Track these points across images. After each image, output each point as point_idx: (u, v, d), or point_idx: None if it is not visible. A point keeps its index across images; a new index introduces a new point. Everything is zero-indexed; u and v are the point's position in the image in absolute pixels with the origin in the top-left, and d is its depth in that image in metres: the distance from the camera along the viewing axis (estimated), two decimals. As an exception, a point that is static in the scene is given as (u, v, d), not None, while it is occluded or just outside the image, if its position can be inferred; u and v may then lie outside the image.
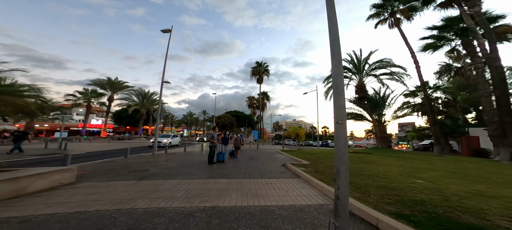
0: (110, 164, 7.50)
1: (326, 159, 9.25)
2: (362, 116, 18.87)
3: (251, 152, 14.85)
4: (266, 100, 55.04)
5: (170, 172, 6.21)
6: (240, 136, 10.64)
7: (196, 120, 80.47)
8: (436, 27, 13.36)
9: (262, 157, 10.89)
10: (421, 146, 27.60)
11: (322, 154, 11.89)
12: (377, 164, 7.78)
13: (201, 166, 7.53)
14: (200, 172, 6.21)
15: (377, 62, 17.54)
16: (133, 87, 31.47)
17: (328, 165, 7.29)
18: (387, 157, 10.38)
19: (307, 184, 4.92)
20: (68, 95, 24.82)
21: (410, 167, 7.20)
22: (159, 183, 4.77)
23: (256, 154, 13.14)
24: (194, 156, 10.97)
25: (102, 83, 28.05)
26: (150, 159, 9.25)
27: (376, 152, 13.60)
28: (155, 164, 7.71)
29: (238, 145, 10.30)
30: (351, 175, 5.29)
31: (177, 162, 8.37)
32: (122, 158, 9.28)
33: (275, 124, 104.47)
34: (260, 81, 47.78)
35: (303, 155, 11.25)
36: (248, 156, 11.63)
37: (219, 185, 4.66)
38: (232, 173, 6.25)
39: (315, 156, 10.54)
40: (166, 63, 12.35)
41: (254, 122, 58.16)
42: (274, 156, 11.80)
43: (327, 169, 6.33)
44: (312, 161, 8.47)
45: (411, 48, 14.70)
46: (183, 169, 6.76)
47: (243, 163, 8.41)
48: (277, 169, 6.98)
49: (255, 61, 49.04)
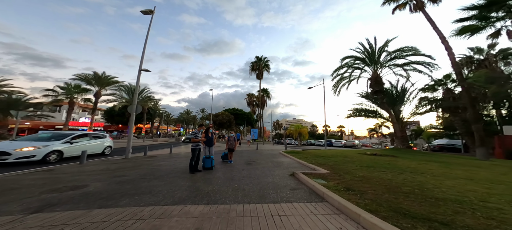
0: (37, 176, 5.39)
1: (347, 164, 7.15)
2: (376, 112, 16.77)
3: (249, 153, 12.75)
4: (266, 98, 52.91)
5: (120, 189, 4.11)
6: (234, 135, 8.53)
7: (194, 118, 78.30)
8: (477, 7, 11.28)
9: (262, 161, 8.80)
10: (437, 146, 25.52)
11: (336, 156, 9.80)
12: (427, 174, 5.68)
13: (178, 176, 5.43)
14: (168, 189, 4.11)
15: (396, 51, 15.23)
16: (122, 83, 29.29)
17: (359, 175, 5.19)
18: (424, 163, 8.28)
19: (343, 216, 2.82)
20: (47, 91, 22.65)
21: (472, 179, 5.10)
22: (67, 217, 2.67)
23: (255, 156, 11.05)
24: (179, 160, 8.88)
25: (88, 78, 25.85)
26: (113, 166, 7.14)
27: (401, 154, 11.51)
28: (111, 174, 5.61)
29: (232, 146, 8.21)
30: (414, 197, 3.21)
31: (146, 170, 6.27)
32: (76, 164, 7.18)
33: (275, 122, 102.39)
34: (260, 77, 45.61)
35: (313, 158, 9.17)
36: (246, 159, 9.54)
37: (186, 221, 2.57)
38: (219, 189, 4.15)
39: (329, 159, 8.45)
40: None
41: (253, 120, 56.06)
42: (277, 159, 9.71)
43: (363, 183, 4.23)
44: (330, 167, 6.38)
45: (441, 33, 12.58)
46: (145, 183, 4.65)
47: (237, 171, 6.31)
48: (285, 182, 4.88)
49: (255, 56, 46.89)
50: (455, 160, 9.45)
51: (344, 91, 19.71)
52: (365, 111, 17.33)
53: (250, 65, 46.64)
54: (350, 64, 17.58)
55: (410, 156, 10.98)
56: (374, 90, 15.87)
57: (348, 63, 17.61)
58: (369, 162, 7.80)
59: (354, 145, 32.77)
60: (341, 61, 17.61)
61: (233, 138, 8.32)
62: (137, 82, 10.35)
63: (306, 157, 9.45)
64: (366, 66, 17.04)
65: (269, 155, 11.53)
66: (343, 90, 19.01)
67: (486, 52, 20.98)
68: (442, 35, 12.65)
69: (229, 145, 8.22)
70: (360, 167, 6.45)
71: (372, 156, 10.03)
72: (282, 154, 11.87)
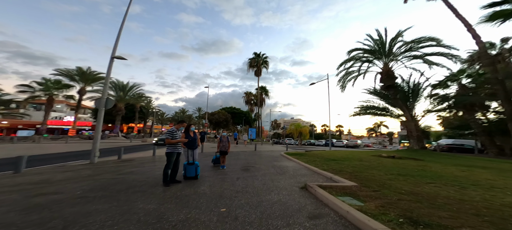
0: None
1: (370, 171, 5.66)
2: (386, 110, 15.35)
3: (246, 155, 11.20)
4: (265, 96, 51.42)
5: (21, 221, 2.50)
6: (227, 135, 6.96)
7: (190, 117, 76.27)
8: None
9: (262, 166, 7.26)
10: (446, 146, 24.29)
11: (349, 159, 8.32)
12: (495, 187, 4.20)
13: (144, 192, 3.86)
14: (109, 220, 2.52)
15: (412, 42, 13.63)
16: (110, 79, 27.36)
17: (404, 190, 3.68)
18: (466, 169, 6.83)
19: None
20: (22, 86, 20.67)
21: None
22: None
23: (254, 159, 9.50)
24: (158, 165, 7.31)
25: (71, 73, 23.93)
26: (60, 176, 5.52)
27: (424, 156, 10.04)
28: (38, 190, 4.00)
29: (225, 148, 6.65)
30: None
31: (102, 182, 4.67)
32: (8, 174, 5.53)
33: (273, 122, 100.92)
34: (258, 74, 44.03)
35: (323, 161, 7.67)
36: (242, 163, 7.99)
37: None
38: (195, 219, 2.59)
39: (344, 163, 6.97)
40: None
41: (251, 119, 54.51)
42: (279, 162, 8.19)
43: (426, 207, 2.71)
44: (353, 176, 4.87)
45: (466, 21, 11.22)
46: (79, 206, 3.05)
47: (229, 182, 4.76)
48: (297, 201, 3.34)
49: (253, 52, 45.30)
50: (496, 164, 8.03)
51: (348, 89, 18.26)
52: (374, 108, 15.91)
53: (248, 61, 45.05)
54: (358, 57, 16.11)
55: (435, 158, 9.56)
56: (385, 86, 14.45)
57: (355, 56, 16.13)
58: (396, 167, 6.32)
59: (356, 145, 31.45)
60: (348, 53, 16.16)
61: (226, 139, 6.75)
62: (107, 72, 8.57)
63: (314, 161, 7.93)
64: (376, 60, 15.62)
65: (269, 158, 9.99)
66: (348, 87, 17.62)
67: (499, 47, 19.79)
68: (467, 22, 11.30)
69: (221, 146, 6.66)
70: (393, 176, 4.96)
71: (391, 159, 8.57)
72: (284, 156, 10.36)
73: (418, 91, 14.67)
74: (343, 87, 17.17)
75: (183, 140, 4.67)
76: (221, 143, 6.68)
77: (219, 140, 6.77)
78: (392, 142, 77.60)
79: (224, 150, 6.64)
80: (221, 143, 6.68)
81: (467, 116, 17.10)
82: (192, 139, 5.14)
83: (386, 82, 14.27)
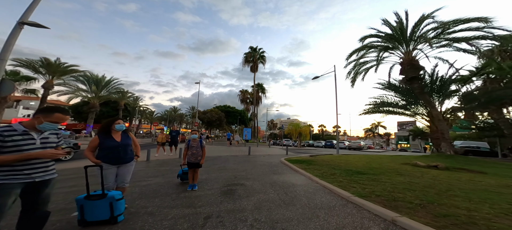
0: None
1: (444, 198, 3.27)
2: (407, 107, 13.01)
3: (236, 163, 8.73)
4: (262, 94, 49.05)
5: None
6: (200, 138, 4.42)
7: (181, 116, 73.10)
8: None
9: (256, 186, 4.82)
10: (462, 150, 22.40)
11: (379, 171, 5.97)
12: None
13: None
14: None
15: (445, 25, 11.04)
16: (84, 72, 24.22)
17: None
18: None
19: None
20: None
21: None
22: None
23: (244, 169, 7.05)
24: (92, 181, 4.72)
25: (33, 64, 20.85)
26: None
27: (475, 166, 7.77)
28: None
29: (196, 158, 4.15)
30: None
31: None
32: None
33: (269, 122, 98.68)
34: (255, 70, 41.57)
35: (347, 176, 5.33)
36: (226, 178, 5.53)
37: None
38: None
39: (384, 181, 4.62)
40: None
41: (247, 119, 52.09)
42: (281, 177, 5.77)
43: None
44: (432, 214, 2.46)
45: None
46: None
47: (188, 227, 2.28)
48: None
49: (249, 46, 42.77)
50: None
51: (348, 86, 15.80)
52: (389, 105, 13.65)
53: (244, 56, 42.51)
54: (372, 45, 13.77)
55: (491, 168, 7.30)
56: (407, 78, 12.18)
57: (369, 44, 13.78)
58: (474, 189, 3.98)
59: (360, 146, 29.34)
60: (361, 41, 13.80)
61: (197, 143, 4.26)
62: (8, 41, 5.38)
63: (332, 174, 5.56)
64: (393, 49, 13.30)
65: (266, 167, 7.55)
66: (357, 82, 15.33)
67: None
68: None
69: (189, 156, 4.18)
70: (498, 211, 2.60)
71: (438, 170, 6.28)
72: (286, 164, 7.94)
73: (449, 86, 12.43)
74: (353, 81, 14.91)
75: (42, 154, 1.73)
76: (189, 149, 4.20)
77: (186, 145, 4.27)
78: (389, 143, 76.99)
79: (194, 160, 4.17)
80: (189, 149, 4.20)
81: (495, 115, 15.09)
82: (117, 145, 2.67)
83: (409, 74, 12.01)
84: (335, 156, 11.70)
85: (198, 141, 4.30)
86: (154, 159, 8.74)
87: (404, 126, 65.65)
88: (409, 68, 12.11)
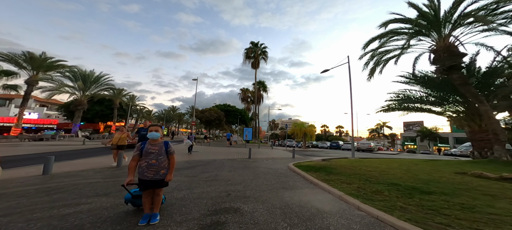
0: None
1: None
2: (441, 102, 11.02)
3: (232, 169, 6.96)
4: (263, 92, 47.18)
5: None
6: (159, 144, 2.56)
7: (180, 115, 71.44)
8: None
9: (259, 210, 3.06)
10: None
11: (432, 180, 4.19)
12: None
13: None
14: None
15: None
16: (70, 67, 22.61)
17: None
18: None
19: None
20: None
21: None
22: None
23: (242, 181, 5.29)
24: None
25: (14, 57, 19.30)
26: None
27: None
28: None
29: (151, 173, 2.37)
30: None
31: None
32: None
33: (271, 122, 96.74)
34: (256, 66, 39.78)
35: (401, 197, 3.56)
36: (214, 197, 3.76)
37: None
38: None
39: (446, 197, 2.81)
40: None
41: (247, 118, 50.30)
42: (294, 195, 4.01)
43: None
44: None
45: None
46: None
47: None
48: None
49: (250, 42, 40.96)
50: None
51: (367, 77, 13.89)
52: (415, 101, 11.68)
53: (244, 52, 40.77)
54: (398, 31, 11.75)
55: None
56: (443, 68, 10.21)
57: (394, 30, 11.75)
58: None
59: (370, 148, 27.33)
60: (383, 26, 11.84)
61: (160, 149, 2.48)
62: None
63: (377, 193, 3.76)
64: (423, 35, 11.34)
65: (271, 176, 5.76)
66: (375, 74, 13.43)
67: None
68: None
69: (144, 168, 2.40)
70: None
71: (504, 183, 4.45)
72: (297, 172, 6.15)
73: (498, 76, 10.40)
74: (371, 74, 12.99)
75: None
76: (144, 158, 2.43)
77: (137, 151, 2.49)
78: (394, 144, 75.15)
79: (151, 177, 2.39)
80: (144, 158, 2.43)
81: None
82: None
83: (446, 62, 10.07)
84: (353, 160, 9.88)
85: (161, 144, 2.53)
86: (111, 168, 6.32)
87: (411, 127, 63.57)
88: (446, 55, 10.16)
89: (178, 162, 7.85)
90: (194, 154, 11.35)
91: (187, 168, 6.78)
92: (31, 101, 42.59)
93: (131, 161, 2.49)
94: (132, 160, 2.49)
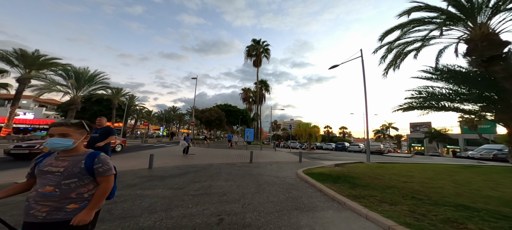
0: None
1: None
2: (480, 99, 9.72)
3: (229, 176, 5.77)
4: (265, 92, 46.05)
5: None
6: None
7: (180, 116, 70.58)
8: None
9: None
10: (494, 156, 18.87)
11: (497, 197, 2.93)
12: None
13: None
14: None
15: None
16: (64, 65, 21.65)
17: None
18: None
19: None
20: None
21: None
22: None
23: (242, 192, 4.12)
24: None
25: (6, 55, 18.44)
26: None
27: None
28: None
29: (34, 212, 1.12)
30: None
31: None
32: None
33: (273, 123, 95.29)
34: (258, 64, 38.62)
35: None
36: (197, 226, 2.52)
37: None
38: None
39: None
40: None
41: (249, 119, 49.13)
42: (318, 223, 2.78)
43: None
44: None
45: None
46: None
47: None
48: None
49: (252, 39, 39.77)
50: None
51: (383, 72, 12.60)
52: (442, 98, 10.31)
53: (246, 50, 39.63)
54: (422, 19, 10.38)
55: None
56: (481, 59, 8.91)
57: (419, 19, 10.36)
58: None
59: (380, 150, 25.82)
60: (406, 14, 10.50)
61: (66, 169, 1.22)
62: None
63: (445, 221, 2.52)
64: (455, 23, 10.04)
65: (278, 188, 4.56)
66: (391, 70, 12.13)
67: None
68: None
69: (26, 207, 1.16)
70: None
71: None
72: (311, 183, 4.94)
73: None
74: (390, 67, 11.64)
75: None
76: (37, 183, 1.23)
77: (30, 170, 1.29)
78: (400, 145, 73.43)
79: (42, 219, 1.14)
80: (37, 183, 1.23)
81: None
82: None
83: (486, 52, 8.75)
84: (372, 165, 8.60)
85: (79, 157, 1.31)
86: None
87: (418, 128, 61.78)
88: (485, 45, 8.82)
89: (166, 168, 6.67)
90: (189, 157, 10.20)
91: (175, 175, 5.61)
92: (30, 101, 42.04)
93: (18, 184, 1.31)
94: (21, 183, 1.31)
